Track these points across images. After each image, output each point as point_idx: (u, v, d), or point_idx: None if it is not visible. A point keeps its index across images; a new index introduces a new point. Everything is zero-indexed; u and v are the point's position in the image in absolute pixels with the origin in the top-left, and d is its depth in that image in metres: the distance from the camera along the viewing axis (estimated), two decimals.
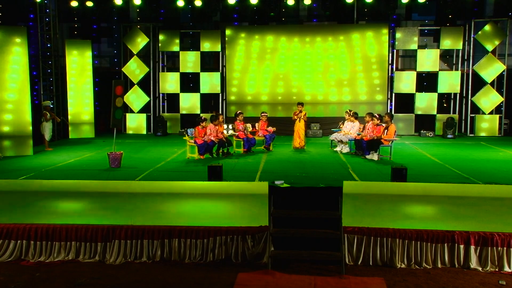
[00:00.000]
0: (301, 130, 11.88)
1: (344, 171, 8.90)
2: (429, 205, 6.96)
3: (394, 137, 10.32)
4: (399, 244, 6.03)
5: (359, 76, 15.74)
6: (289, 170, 8.96)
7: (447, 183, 7.53)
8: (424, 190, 7.18)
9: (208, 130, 10.57)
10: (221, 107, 16.37)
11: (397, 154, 10.87)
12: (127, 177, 8.24)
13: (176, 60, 16.64)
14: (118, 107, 9.66)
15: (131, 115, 16.39)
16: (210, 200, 7.13)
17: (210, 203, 7.07)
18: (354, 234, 6.13)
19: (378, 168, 9.28)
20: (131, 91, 16.14)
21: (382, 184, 7.39)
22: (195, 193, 7.16)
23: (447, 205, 6.88)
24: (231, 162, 9.97)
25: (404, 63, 16.54)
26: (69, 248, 6.25)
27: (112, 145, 9.95)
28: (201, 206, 7.02)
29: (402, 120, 15.59)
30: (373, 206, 6.79)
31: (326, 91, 15.88)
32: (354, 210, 6.52)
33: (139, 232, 6.23)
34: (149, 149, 12.18)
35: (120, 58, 16.48)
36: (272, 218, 6.16)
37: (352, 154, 11.08)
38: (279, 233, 6.11)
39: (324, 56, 15.73)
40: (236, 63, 16.06)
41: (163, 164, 9.80)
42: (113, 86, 9.53)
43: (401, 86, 15.55)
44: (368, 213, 6.60)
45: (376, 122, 10.61)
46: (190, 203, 7.10)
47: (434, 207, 6.93)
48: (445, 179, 8.06)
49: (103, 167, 9.30)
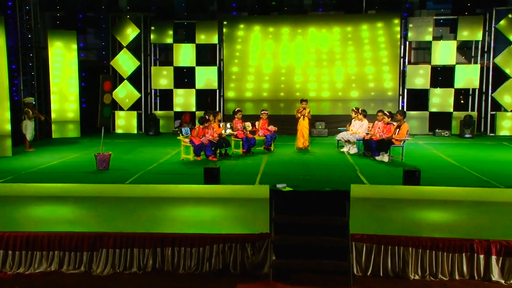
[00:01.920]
0: (305, 129, 11.88)
1: (351, 174, 8.89)
2: (445, 211, 6.94)
3: (406, 137, 10.32)
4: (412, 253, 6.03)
5: (368, 70, 15.74)
6: (292, 173, 8.95)
7: (465, 187, 7.51)
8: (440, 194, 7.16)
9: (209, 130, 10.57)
10: (218, 104, 16.37)
11: (409, 155, 10.86)
12: (116, 180, 8.23)
13: (169, 53, 16.64)
14: (106, 104, 9.66)
15: (121, 113, 16.38)
16: (207, 205, 7.12)
17: (206, 209, 7.06)
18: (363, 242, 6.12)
19: (389, 170, 9.28)
20: (120, 87, 16.15)
21: (393, 187, 7.38)
22: (190, 198, 7.15)
23: (465, 211, 6.87)
24: (229, 163, 9.96)
25: (418, 56, 16.53)
26: (52, 258, 6.25)
27: (99, 145, 9.95)
28: (197, 211, 7.01)
29: (415, 118, 15.59)
30: (384, 211, 6.78)
31: (332, 87, 15.87)
32: (362, 216, 6.51)
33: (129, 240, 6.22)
34: (140, 150, 12.18)
35: (108, 50, 16.47)
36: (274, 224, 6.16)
37: (361, 155, 11.07)
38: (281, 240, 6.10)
39: (330, 49, 15.73)
40: (234, 56, 16.06)
41: (156, 166, 9.79)
42: (101, 81, 9.52)
43: (414, 81, 15.55)
44: (378, 219, 6.59)
45: (386, 120, 10.60)
46: (184, 209, 7.10)
47: (451, 213, 6.92)
48: (462, 182, 8.05)
49: (89, 170, 9.30)
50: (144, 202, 7.10)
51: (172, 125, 16.24)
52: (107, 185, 7.74)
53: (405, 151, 10.47)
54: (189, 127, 10.79)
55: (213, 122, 10.89)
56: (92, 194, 7.19)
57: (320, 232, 6.18)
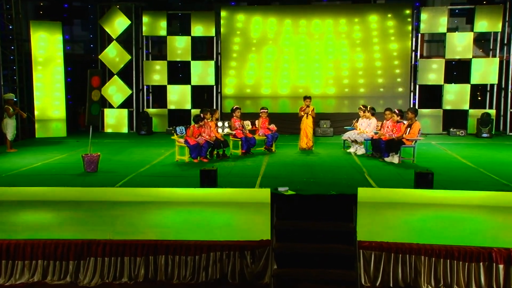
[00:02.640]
0: (309, 128, 11.90)
1: (359, 176, 8.91)
2: (460, 217, 6.95)
3: (418, 137, 10.33)
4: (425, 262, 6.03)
5: (376, 65, 15.76)
6: (294, 175, 8.97)
7: (482, 191, 7.52)
8: (455, 198, 7.18)
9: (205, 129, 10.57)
10: (215, 101, 16.39)
11: (421, 156, 10.88)
12: (105, 183, 8.24)
13: (162, 47, 16.67)
14: (94, 101, 9.68)
15: (110, 111, 16.40)
16: (203, 209, 7.13)
17: (202, 214, 7.07)
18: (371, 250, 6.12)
19: (399, 172, 9.29)
20: (110, 83, 16.17)
21: (404, 191, 7.39)
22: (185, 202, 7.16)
23: (483, 217, 6.87)
24: (227, 165, 9.98)
25: (431, 49, 16.57)
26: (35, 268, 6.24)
27: (87, 145, 9.97)
28: (193, 217, 7.03)
29: (427, 116, 15.62)
30: (394, 217, 6.79)
31: (338, 83, 15.90)
32: (371, 221, 6.52)
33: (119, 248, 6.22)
34: (132, 151, 12.20)
35: (96, 43, 16.50)
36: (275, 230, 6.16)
37: (368, 156, 11.09)
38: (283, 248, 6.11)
39: (336, 41, 15.76)
40: (233, 50, 16.08)
41: (148, 168, 9.81)
42: (89, 77, 9.54)
43: (427, 77, 15.58)
44: (387, 225, 6.60)
45: (396, 119, 10.62)
46: (179, 214, 7.11)
47: (467, 219, 6.93)
48: (479, 185, 8.06)
49: (76, 172, 9.31)
50: (136, 206, 7.11)
51: (165, 123, 16.26)
52: (95, 189, 7.75)
53: (417, 152, 10.48)
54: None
55: (210, 121, 10.90)
56: (79, 198, 7.19)
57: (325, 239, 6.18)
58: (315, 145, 12.40)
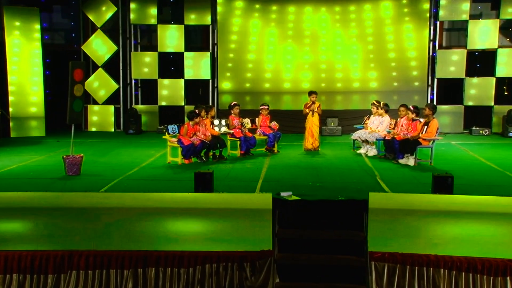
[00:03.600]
0: (315, 126, 11.90)
1: (370, 180, 8.91)
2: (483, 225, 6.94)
3: (436, 136, 10.33)
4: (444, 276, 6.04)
5: (390, 56, 15.76)
6: (299, 178, 8.97)
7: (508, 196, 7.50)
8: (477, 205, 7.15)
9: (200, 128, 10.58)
10: (211, 97, 16.39)
11: (440, 157, 10.88)
12: (89, 187, 8.24)
13: (152, 36, 16.66)
14: (77, 96, 9.68)
15: (95, 107, 16.41)
16: (198, 217, 7.12)
17: (197, 221, 7.07)
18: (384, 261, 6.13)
19: (415, 176, 9.29)
20: (94, 76, 16.17)
21: (421, 196, 7.38)
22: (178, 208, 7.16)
23: (509, 226, 6.86)
24: (225, 168, 9.98)
25: (451, 38, 16.55)
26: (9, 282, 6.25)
27: (69, 146, 9.96)
28: (186, 225, 7.02)
29: (447, 113, 15.61)
30: (409, 225, 6.78)
31: (346, 77, 15.90)
32: (383, 230, 6.52)
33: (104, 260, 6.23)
34: (118, 152, 12.21)
35: (79, 32, 16.51)
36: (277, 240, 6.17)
37: (381, 157, 11.09)
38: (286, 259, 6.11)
39: (345, 30, 15.75)
40: (231, 40, 16.08)
41: (137, 170, 9.81)
42: (70, 70, 9.54)
43: (447, 69, 15.57)
44: (402, 234, 6.59)
45: (412, 116, 10.61)
46: (171, 221, 7.10)
47: (491, 228, 6.91)
48: (505, 190, 8.05)
49: (57, 175, 9.31)
50: (123, 214, 7.10)
51: (156, 121, 16.27)
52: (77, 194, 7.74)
53: (435, 153, 10.47)
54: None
55: (206, 119, 10.90)
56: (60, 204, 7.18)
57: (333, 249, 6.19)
58: (321, 145, 12.39)
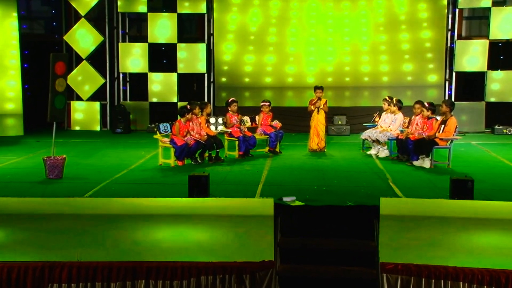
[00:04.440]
0: (321, 125, 11.87)
1: (381, 184, 8.91)
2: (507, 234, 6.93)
3: (454, 135, 10.33)
4: None
5: (403, 47, 15.75)
6: (303, 182, 8.98)
7: None
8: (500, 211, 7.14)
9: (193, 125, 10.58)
10: (207, 92, 16.38)
11: (458, 159, 10.87)
12: (72, 192, 8.23)
13: (142, 26, 16.66)
14: (59, 92, 9.67)
15: (79, 104, 16.40)
16: (192, 224, 7.12)
17: (191, 229, 7.06)
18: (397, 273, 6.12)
19: (431, 179, 9.29)
20: (77, 70, 16.17)
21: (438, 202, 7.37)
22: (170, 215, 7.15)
23: None
24: (222, 170, 9.98)
25: (471, 28, 16.52)
26: None
27: (50, 146, 9.95)
28: (179, 233, 7.02)
29: (466, 110, 15.59)
30: (424, 233, 6.78)
31: (355, 70, 15.89)
32: (396, 239, 6.51)
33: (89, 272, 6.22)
34: (105, 153, 12.21)
35: (61, 21, 16.50)
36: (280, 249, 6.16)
37: (393, 159, 11.09)
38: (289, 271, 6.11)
39: (354, 19, 15.73)
40: (228, 30, 16.07)
41: (125, 173, 9.81)
42: (52, 62, 9.53)
43: (466, 62, 15.55)
44: (416, 243, 6.59)
45: (427, 113, 10.60)
46: (163, 229, 7.10)
47: None
48: None
49: (36, 179, 9.30)
50: (110, 221, 7.09)
51: (146, 119, 16.26)
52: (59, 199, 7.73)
53: (453, 154, 10.46)
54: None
55: (200, 116, 10.90)
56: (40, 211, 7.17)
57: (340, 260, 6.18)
58: (328, 145, 12.38)
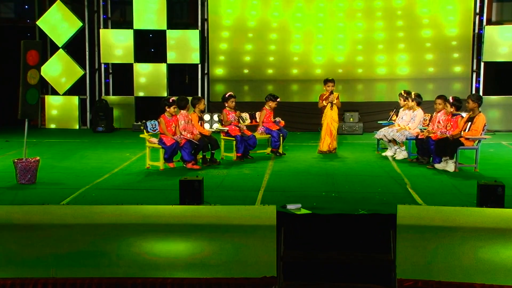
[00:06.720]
0: (334, 123, 11.78)
1: (399, 189, 8.92)
2: None
3: (482, 135, 10.33)
4: None
5: (424, 34, 15.76)
6: (309, 187, 8.99)
7: None
8: None
9: (181, 120, 10.60)
10: (200, 86, 16.39)
11: (487, 162, 10.90)
12: (47, 199, 8.24)
13: (127, 10, 16.68)
14: (31, 85, 9.68)
15: (54, 99, 16.41)
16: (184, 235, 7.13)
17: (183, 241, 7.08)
18: None
19: (455, 184, 9.30)
20: (53, 59, 16.18)
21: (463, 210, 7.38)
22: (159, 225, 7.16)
23: None
24: (218, 174, 9.99)
25: (503, 11, 16.49)
26: None
27: (21, 147, 9.97)
28: (169, 245, 7.03)
29: (496, 106, 15.62)
30: (448, 246, 6.79)
31: (369, 60, 15.91)
32: (415, 252, 6.52)
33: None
34: (84, 154, 12.21)
35: (33, 4, 16.50)
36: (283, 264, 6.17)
37: (412, 161, 11.10)
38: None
39: (367, 3, 15.74)
40: (224, 15, 16.08)
41: (107, 178, 9.82)
42: (23, 51, 9.54)
43: (497, 51, 15.57)
44: (438, 257, 6.60)
45: (451, 110, 10.61)
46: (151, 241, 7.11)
47: None
48: None
49: (6, 184, 9.32)
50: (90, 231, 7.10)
51: (132, 116, 16.27)
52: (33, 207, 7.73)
53: (481, 155, 10.47)
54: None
55: (193, 113, 10.91)
56: (10, 220, 7.18)
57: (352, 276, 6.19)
58: (338, 146, 12.35)
